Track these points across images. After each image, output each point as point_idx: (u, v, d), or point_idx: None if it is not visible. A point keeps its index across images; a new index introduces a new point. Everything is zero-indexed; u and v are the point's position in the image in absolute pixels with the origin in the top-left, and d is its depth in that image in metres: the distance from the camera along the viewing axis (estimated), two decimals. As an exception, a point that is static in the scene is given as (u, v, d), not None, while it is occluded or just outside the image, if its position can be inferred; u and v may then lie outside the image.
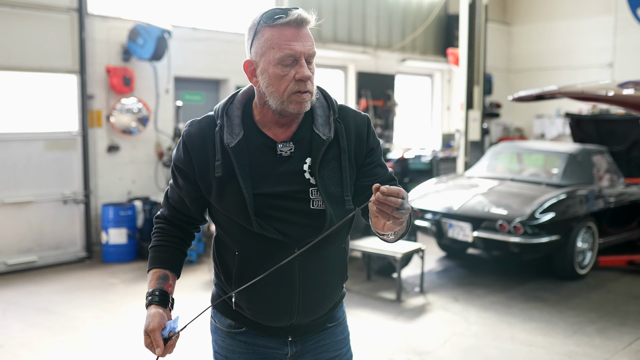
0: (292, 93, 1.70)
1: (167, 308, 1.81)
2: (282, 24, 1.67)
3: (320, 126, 1.80)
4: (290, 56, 1.68)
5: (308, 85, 1.71)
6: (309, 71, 1.71)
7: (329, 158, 1.79)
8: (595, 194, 6.66)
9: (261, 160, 1.77)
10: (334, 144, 1.80)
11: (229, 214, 1.78)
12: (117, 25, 7.32)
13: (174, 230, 1.93)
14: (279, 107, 1.72)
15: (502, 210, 6.09)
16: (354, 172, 1.83)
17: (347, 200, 1.79)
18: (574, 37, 12.47)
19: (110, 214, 6.96)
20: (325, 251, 1.84)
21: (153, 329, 1.72)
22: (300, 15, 1.68)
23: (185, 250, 1.95)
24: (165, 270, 1.87)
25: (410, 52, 11.38)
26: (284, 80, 1.69)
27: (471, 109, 8.78)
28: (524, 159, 7.65)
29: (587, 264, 6.57)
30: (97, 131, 7.27)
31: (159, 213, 1.97)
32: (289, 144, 1.78)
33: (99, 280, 6.24)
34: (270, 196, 1.76)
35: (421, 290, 5.98)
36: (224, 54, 8.36)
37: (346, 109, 1.89)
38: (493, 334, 4.91)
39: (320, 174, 1.76)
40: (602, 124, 8.62)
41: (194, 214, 1.90)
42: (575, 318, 5.27)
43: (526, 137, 12.99)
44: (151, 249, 1.92)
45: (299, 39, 1.68)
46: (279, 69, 1.69)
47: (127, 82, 7.28)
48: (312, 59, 1.73)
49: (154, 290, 1.82)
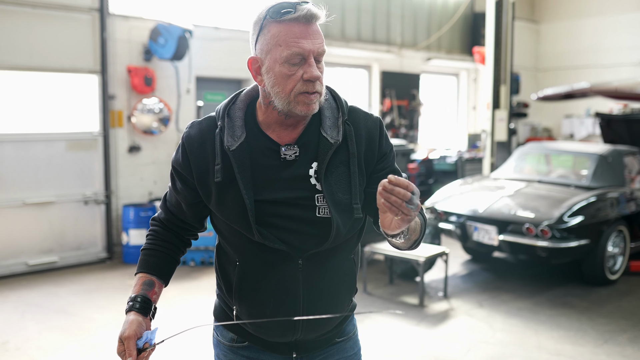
0: (299, 93, 1.58)
1: (147, 317, 1.70)
2: (290, 20, 1.55)
3: (328, 128, 1.68)
4: (299, 55, 1.56)
5: (317, 85, 1.59)
6: (318, 71, 1.59)
7: (337, 163, 1.66)
8: (626, 197, 6.43)
9: (264, 164, 1.66)
10: (343, 147, 1.68)
11: (229, 222, 1.67)
12: (139, 24, 7.29)
13: (168, 234, 1.83)
14: (285, 108, 1.60)
15: (529, 213, 5.90)
16: (363, 178, 1.70)
17: (356, 208, 1.66)
18: (604, 34, 12.15)
19: (131, 215, 6.93)
20: (332, 263, 1.71)
21: (128, 336, 1.61)
22: (309, 11, 1.56)
23: (177, 258, 1.85)
24: (152, 277, 1.77)
25: (436, 51, 11.19)
26: (291, 80, 1.57)
27: (498, 108, 8.58)
28: (552, 160, 7.43)
29: (618, 269, 6.33)
30: (118, 131, 7.25)
31: (156, 215, 1.87)
32: (293, 147, 1.66)
33: (119, 282, 6.20)
34: (273, 203, 1.64)
35: (445, 295, 5.82)
36: (246, 54, 8.21)
37: (357, 110, 1.76)
38: (519, 342, 4.73)
39: (327, 179, 1.64)
40: (635, 124, 8.34)
41: (191, 220, 1.80)
42: (605, 326, 5.06)
43: (554, 138, 12.70)
44: (142, 252, 1.82)
45: (308, 36, 1.56)
46: (285, 68, 1.57)
47: (148, 82, 7.25)
48: (321, 58, 1.61)
49: (136, 296, 1.71)
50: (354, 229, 1.73)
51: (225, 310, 1.81)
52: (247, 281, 1.69)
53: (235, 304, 1.73)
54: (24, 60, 6.51)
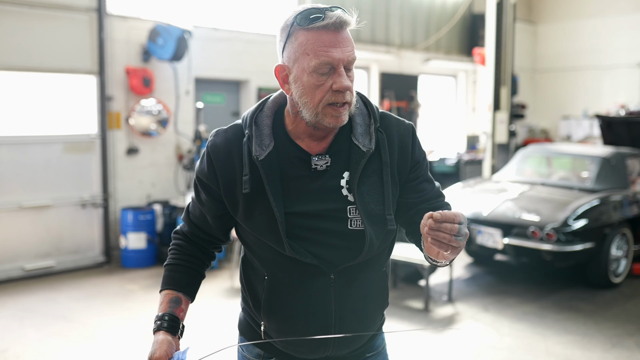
0: (328, 105, 1.50)
1: (175, 336, 1.62)
2: (319, 28, 1.47)
3: (359, 136, 1.60)
4: (328, 64, 1.48)
5: (347, 96, 1.51)
6: (348, 80, 1.50)
7: (369, 172, 1.59)
8: (629, 199, 6.39)
9: (293, 174, 1.58)
10: (375, 156, 1.60)
11: (258, 235, 1.60)
12: (137, 25, 7.19)
13: (192, 248, 1.75)
14: (313, 119, 1.53)
15: (533, 217, 5.85)
16: (397, 188, 1.63)
17: (389, 220, 1.59)
18: (601, 36, 12.14)
19: (129, 218, 6.83)
20: (364, 276, 1.64)
21: (159, 357, 1.53)
22: (339, 18, 1.47)
23: (202, 272, 1.78)
24: (179, 293, 1.70)
25: (434, 52, 11.14)
26: (320, 91, 1.50)
27: (498, 110, 8.54)
28: (554, 163, 7.40)
29: (622, 272, 6.30)
30: (116, 133, 7.15)
31: (178, 228, 1.79)
32: (325, 157, 1.59)
33: (118, 287, 6.11)
34: (304, 215, 1.57)
35: (449, 298, 5.76)
36: (246, 55, 8.21)
37: (389, 116, 1.69)
38: (527, 347, 4.68)
39: (359, 190, 1.57)
40: (635, 126, 8.33)
41: (216, 233, 1.73)
42: (612, 330, 5.02)
43: (552, 139, 12.68)
44: (165, 267, 1.75)
45: (337, 45, 1.48)
46: (314, 77, 1.49)
47: (146, 83, 7.15)
48: (351, 66, 1.53)
49: (163, 315, 1.64)
50: (387, 241, 1.66)
51: (251, 325, 1.74)
52: (277, 297, 1.62)
53: (264, 320, 1.66)
54: (21, 60, 6.40)
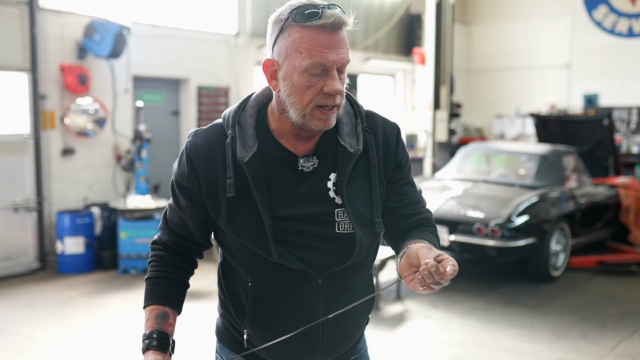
0: (317, 107, 1.44)
1: (166, 353, 1.53)
2: (316, 27, 1.41)
3: (346, 137, 1.55)
4: (321, 65, 1.42)
5: (337, 99, 1.46)
6: (340, 83, 1.45)
7: (357, 174, 1.54)
8: (566, 195, 6.63)
9: (279, 177, 1.51)
10: (363, 157, 1.55)
11: (242, 240, 1.52)
12: (72, 20, 6.87)
13: (174, 258, 1.64)
14: (300, 120, 1.46)
15: (478, 214, 5.97)
16: (384, 190, 1.59)
17: (378, 222, 1.55)
18: (533, 37, 12.58)
19: (66, 222, 6.52)
20: (352, 280, 1.60)
21: None
22: (337, 18, 1.42)
23: (187, 282, 1.68)
24: (165, 307, 1.60)
25: (373, 52, 11.23)
26: (310, 92, 1.43)
27: (438, 109, 8.68)
28: (495, 160, 7.58)
29: (561, 266, 6.53)
30: (50, 133, 6.81)
31: (156, 238, 1.68)
32: (312, 159, 1.52)
33: (56, 294, 5.81)
34: (291, 219, 1.51)
35: (398, 296, 5.79)
36: (186, 53, 8.01)
37: (374, 115, 1.65)
38: (478, 342, 4.76)
39: (347, 192, 1.51)
40: (567, 125, 8.67)
41: (199, 239, 1.63)
42: (557, 322, 5.18)
43: (486, 137, 13.04)
44: (147, 281, 1.64)
45: (333, 46, 1.42)
46: (305, 78, 1.43)
47: (82, 81, 6.85)
48: (344, 68, 1.47)
49: (151, 333, 1.54)
50: (374, 244, 1.63)
51: (232, 333, 1.66)
52: (262, 304, 1.55)
53: (247, 328, 1.58)
54: (-55, 56, 6.00)
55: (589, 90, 11.87)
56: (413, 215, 1.62)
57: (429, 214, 1.66)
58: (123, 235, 6.51)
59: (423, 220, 1.63)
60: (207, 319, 4.97)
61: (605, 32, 11.66)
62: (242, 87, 8.67)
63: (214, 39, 8.36)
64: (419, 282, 1.33)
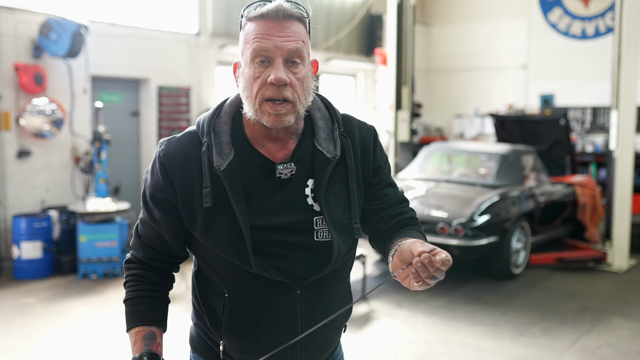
0: (265, 100, 1.41)
1: None
2: (258, 15, 1.41)
3: (322, 141, 1.53)
4: (262, 51, 1.40)
5: (284, 91, 1.40)
6: (286, 73, 1.40)
7: (335, 180, 1.52)
8: (526, 194, 6.76)
9: (257, 185, 1.48)
10: (340, 162, 1.53)
11: (219, 251, 1.48)
12: (27, 18, 6.67)
13: (153, 275, 1.59)
14: (254, 115, 1.43)
15: (442, 213, 6.04)
16: (362, 195, 1.58)
17: (356, 229, 1.53)
18: (491, 39, 12.79)
19: (22, 226, 6.33)
20: (331, 288, 1.58)
21: None
22: (279, 6, 1.41)
23: (168, 298, 1.63)
24: (151, 327, 1.55)
25: (335, 52, 11.25)
26: (257, 83, 1.41)
27: (400, 109, 8.74)
28: (456, 160, 7.68)
29: (521, 263, 6.66)
30: (4, 135, 6.59)
31: (130, 257, 1.61)
32: (290, 165, 1.49)
33: (13, 301, 5.63)
34: (270, 229, 1.47)
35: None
36: (145, 52, 7.87)
37: (350, 119, 1.63)
38: (443, 340, 4.81)
39: (325, 198, 1.49)
40: (526, 125, 8.84)
41: (177, 251, 1.58)
42: (519, 319, 5.27)
43: (447, 137, 13.20)
44: (127, 303, 1.57)
45: (275, 33, 1.40)
46: (252, 68, 1.42)
47: (38, 81, 6.66)
48: (296, 59, 1.43)
49: (141, 356, 1.49)
50: (352, 251, 1.62)
51: (207, 343, 1.62)
52: (239, 316, 1.52)
53: (224, 339, 1.55)
54: None
55: (545, 90, 12.14)
56: (397, 215, 1.61)
57: (413, 213, 1.66)
58: (83, 239, 6.36)
59: (408, 219, 1.61)
60: (180, 325, 4.89)
61: (560, 34, 11.94)
62: (203, 87, 8.57)
63: (174, 39, 8.23)
64: (414, 276, 1.31)
